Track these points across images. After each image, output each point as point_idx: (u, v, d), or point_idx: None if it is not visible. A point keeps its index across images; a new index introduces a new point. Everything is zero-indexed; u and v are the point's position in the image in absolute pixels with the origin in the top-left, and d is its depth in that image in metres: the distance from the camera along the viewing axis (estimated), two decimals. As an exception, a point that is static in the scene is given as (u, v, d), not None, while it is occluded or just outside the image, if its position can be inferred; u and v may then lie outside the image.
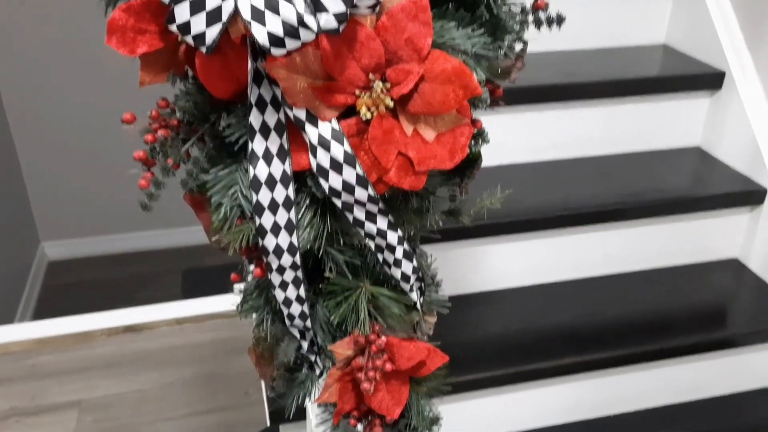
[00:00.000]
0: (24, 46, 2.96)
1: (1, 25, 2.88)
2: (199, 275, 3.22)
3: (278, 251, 0.66)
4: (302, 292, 0.70)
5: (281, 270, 0.67)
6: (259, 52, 0.60)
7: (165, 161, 0.66)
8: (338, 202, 0.64)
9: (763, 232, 1.41)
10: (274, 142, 0.63)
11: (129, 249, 3.42)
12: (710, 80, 1.49)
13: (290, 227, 0.65)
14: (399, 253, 0.70)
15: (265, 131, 0.63)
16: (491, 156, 1.48)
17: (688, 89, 1.49)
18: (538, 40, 1.57)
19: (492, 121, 1.40)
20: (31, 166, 3.20)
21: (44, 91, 3.06)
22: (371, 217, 0.66)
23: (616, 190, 1.40)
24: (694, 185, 1.42)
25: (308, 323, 0.74)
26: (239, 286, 0.81)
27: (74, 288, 3.19)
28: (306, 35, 0.53)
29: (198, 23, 0.53)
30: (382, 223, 0.67)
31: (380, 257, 0.70)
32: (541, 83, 1.42)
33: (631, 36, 1.64)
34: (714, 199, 1.40)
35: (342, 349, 0.74)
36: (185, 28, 0.53)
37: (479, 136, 0.71)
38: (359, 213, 0.65)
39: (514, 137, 1.47)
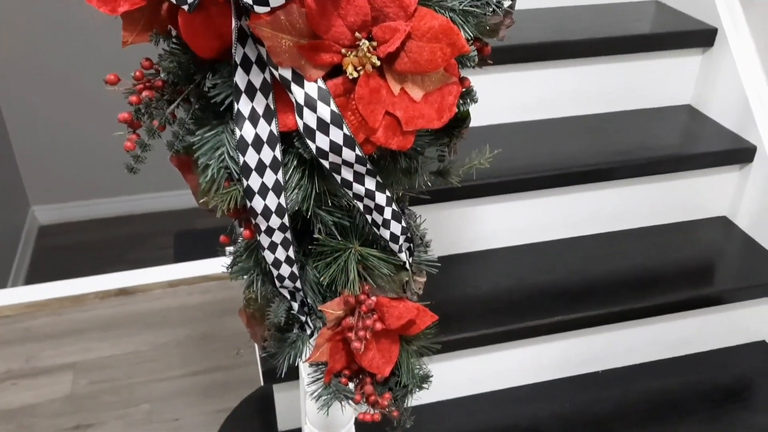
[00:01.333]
0: (8, 12, 2.89)
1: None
2: (191, 237, 3.22)
3: (266, 213, 0.66)
4: (291, 253, 0.70)
5: (270, 231, 0.67)
6: (243, 10, 0.59)
7: (150, 123, 0.66)
8: (326, 163, 0.64)
9: (752, 190, 1.42)
10: (260, 103, 0.62)
11: (120, 212, 3.42)
12: (702, 37, 1.47)
13: (278, 188, 0.65)
14: (387, 213, 0.70)
15: (250, 91, 0.62)
16: (480, 116, 1.47)
17: (680, 46, 1.48)
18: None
19: (480, 79, 1.39)
20: (19, 131, 3.16)
21: (30, 54, 3.01)
22: (359, 177, 0.66)
23: (606, 148, 1.40)
24: (685, 143, 1.42)
25: (298, 284, 0.74)
26: (230, 248, 0.81)
27: (66, 252, 3.19)
28: (289, -8, 0.52)
29: (179, -20, 0.52)
30: (370, 183, 0.67)
31: (369, 218, 0.70)
32: (530, 41, 1.40)
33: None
34: (704, 157, 1.40)
35: (332, 309, 0.74)
36: (166, -15, 0.52)
37: (467, 95, 0.71)
38: (347, 174, 0.65)
39: (503, 96, 1.46)
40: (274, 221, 0.66)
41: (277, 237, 0.68)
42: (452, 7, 0.62)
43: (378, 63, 0.61)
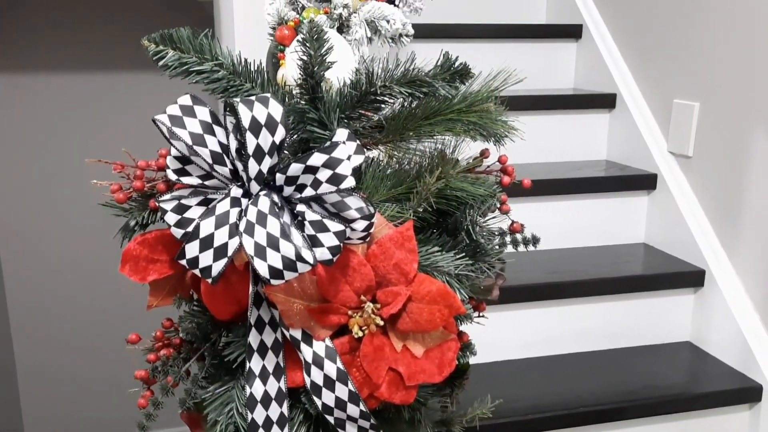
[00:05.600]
0: (33, 250, 3.07)
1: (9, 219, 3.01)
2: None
3: (272, 469, 0.66)
4: None
5: (274, 489, 0.67)
6: (260, 277, 0.66)
7: (165, 380, 0.69)
8: (331, 419, 0.66)
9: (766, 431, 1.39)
10: (270, 361, 0.66)
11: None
12: (692, 278, 1.55)
13: (284, 445, 0.66)
14: (392, 468, 0.70)
15: (262, 350, 0.66)
16: (485, 353, 1.50)
17: (672, 287, 1.55)
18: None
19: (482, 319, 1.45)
20: (27, 367, 3.17)
21: (51, 306, 3.11)
22: (363, 432, 0.67)
23: (612, 388, 1.40)
24: (690, 382, 1.42)
25: None
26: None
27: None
28: (303, 268, 0.59)
29: (206, 259, 0.59)
30: (374, 438, 0.68)
31: (373, 473, 0.70)
32: (529, 282, 1.48)
33: (612, 234, 1.73)
34: (711, 397, 1.39)
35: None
36: (194, 262, 0.59)
37: (467, 348, 0.75)
38: (351, 429, 0.67)
39: (508, 333, 1.50)
40: (279, 479, 0.66)
41: (281, 495, 0.67)
42: (449, 272, 0.68)
43: (381, 323, 0.66)
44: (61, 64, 2.71)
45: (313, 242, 0.60)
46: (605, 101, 1.84)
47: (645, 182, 1.70)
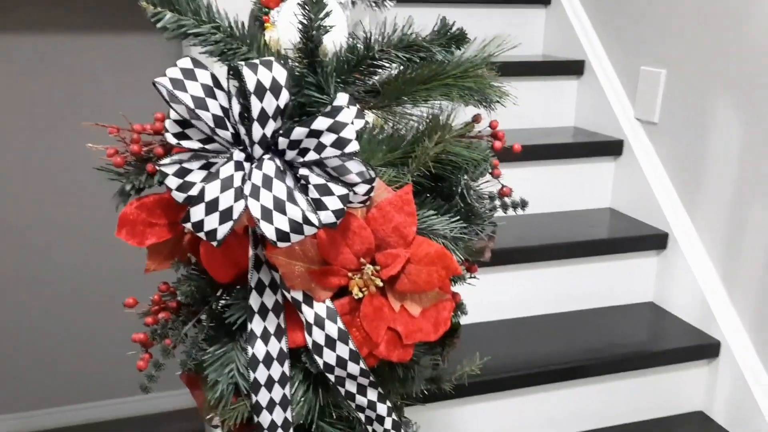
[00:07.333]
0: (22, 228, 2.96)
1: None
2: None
3: (273, 427, 0.68)
4: (295, 467, 0.71)
5: (276, 446, 0.69)
6: (260, 240, 0.67)
7: (164, 343, 0.70)
8: (331, 377, 0.68)
9: (723, 385, 1.47)
10: (271, 322, 0.67)
11: (88, 420, 3.26)
12: (655, 241, 1.61)
13: (285, 403, 0.68)
14: (388, 423, 0.73)
15: (263, 312, 0.67)
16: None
17: (637, 249, 1.61)
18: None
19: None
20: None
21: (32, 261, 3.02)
22: (362, 389, 0.69)
23: (579, 347, 1.46)
24: (652, 340, 1.49)
25: (299, 500, 0.74)
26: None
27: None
28: (309, 230, 0.60)
29: (211, 222, 0.59)
30: (372, 395, 0.70)
31: (370, 429, 0.73)
32: (498, 247, 1.51)
33: (579, 200, 1.78)
34: (672, 353, 1.46)
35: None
36: (199, 226, 0.59)
37: (458, 308, 0.77)
38: (351, 386, 0.69)
39: (481, 296, 1.54)
40: (281, 436, 0.68)
41: (282, 452, 0.69)
42: (444, 234, 0.70)
43: (381, 284, 0.68)
44: (45, 24, 2.59)
45: (318, 206, 0.61)
46: (573, 68, 1.87)
47: (612, 148, 1.74)
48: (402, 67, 0.71)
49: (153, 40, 2.67)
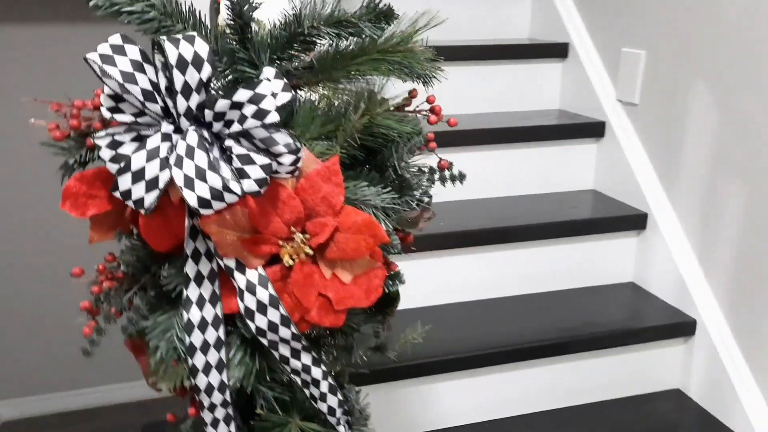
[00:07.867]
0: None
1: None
2: (159, 430, 3.13)
3: (209, 389, 0.71)
4: (233, 429, 0.74)
5: (212, 408, 0.72)
6: (195, 211, 0.70)
7: (109, 310, 0.73)
8: (265, 341, 0.70)
9: (699, 362, 1.48)
10: (206, 289, 0.70)
11: (87, 405, 3.33)
12: (635, 221, 1.62)
13: (220, 366, 0.71)
14: (324, 387, 0.75)
15: (199, 279, 0.70)
16: (435, 295, 1.56)
17: (616, 230, 1.62)
18: (474, 189, 1.72)
19: (434, 262, 1.51)
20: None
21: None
22: (296, 353, 0.72)
23: (555, 325, 1.47)
24: (629, 319, 1.50)
25: (242, 461, 0.77)
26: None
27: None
28: (230, 198, 0.63)
29: (138, 190, 0.62)
30: (306, 359, 0.73)
31: (307, 392, 0.76)
32: (475, 228, 1.53)
33: (562, 182, 1.79)
34: (647, 332, 1.48)
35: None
36: (127, 194, 0.63)
37: (396, 277, 0.80)
38: (284, 350, 0.72)
39: (457, 277, 1.56)
40: (217, 397, 0.71)
41: (220, 413, 0.72)
42: (375, 204, 0.72)
43: (311, 252, 0.70)
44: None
45: (241, 175, 0.63)
46: (558, 51, 1.87)
47: (594, 130, 1.75)
48: (334, 43, 0.73)
49: (111, 30, 2.73)
